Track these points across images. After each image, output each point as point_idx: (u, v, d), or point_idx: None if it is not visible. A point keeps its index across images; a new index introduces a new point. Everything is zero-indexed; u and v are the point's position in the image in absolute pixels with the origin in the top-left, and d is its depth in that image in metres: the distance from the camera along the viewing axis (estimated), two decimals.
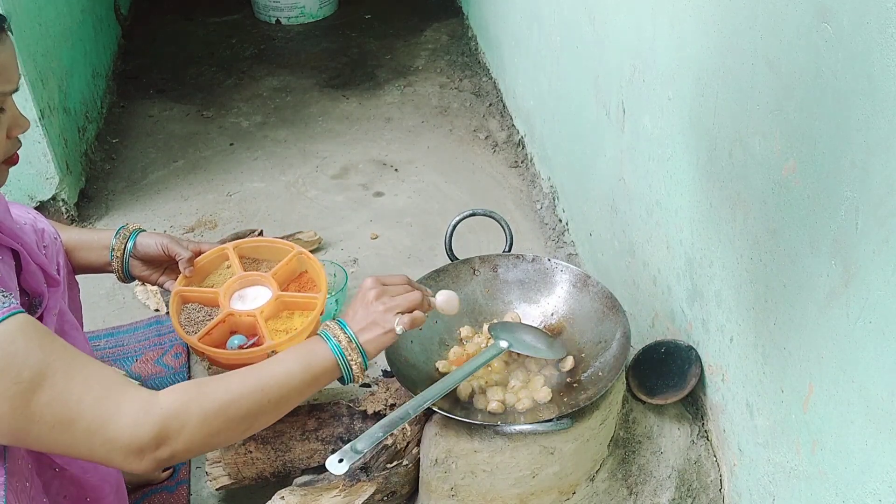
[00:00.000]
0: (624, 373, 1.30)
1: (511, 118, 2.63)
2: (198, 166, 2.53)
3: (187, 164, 2.54)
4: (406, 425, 1.30)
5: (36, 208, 1.92)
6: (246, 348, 1.31)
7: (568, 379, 1.28)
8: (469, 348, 1.36)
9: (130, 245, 1.36)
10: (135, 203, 2.37)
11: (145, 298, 1.96)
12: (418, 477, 1.30)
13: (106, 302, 1.97)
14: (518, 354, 1.31)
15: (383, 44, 3.28)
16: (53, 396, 0.89)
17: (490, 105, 2.77)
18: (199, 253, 1.43)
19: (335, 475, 1.14)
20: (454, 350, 1.36)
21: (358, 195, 2.37)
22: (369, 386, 1.68)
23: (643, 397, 1.34)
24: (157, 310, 1.93)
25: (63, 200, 2.20)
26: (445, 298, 1.19)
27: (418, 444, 1.30)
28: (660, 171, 1.39)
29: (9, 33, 0.97)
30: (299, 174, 2.48)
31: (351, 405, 1.44)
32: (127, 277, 1.39)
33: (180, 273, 1.39)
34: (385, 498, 1.29)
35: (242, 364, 1.09)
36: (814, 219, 0.93)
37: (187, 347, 1.79)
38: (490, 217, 1.50)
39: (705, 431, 1.36)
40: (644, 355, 1.32)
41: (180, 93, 2.96)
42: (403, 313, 1.12)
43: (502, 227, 1.48)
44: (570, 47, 1.87)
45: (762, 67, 1.01)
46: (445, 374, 1.26)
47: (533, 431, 1.16)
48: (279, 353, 1.08)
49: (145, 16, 3.55)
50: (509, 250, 1.47)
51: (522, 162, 2.45)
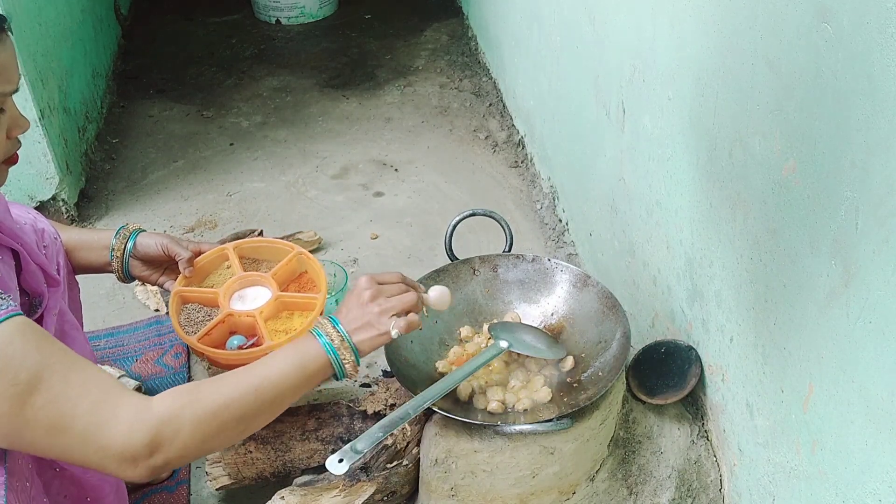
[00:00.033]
0: (624, 373, 1.30)
1: (511, 118, 2.63)
2: (198, 166, 2.53)
3: (187, 164, 2.54)
4: (406, 425, 1.30)
5: (36, 208, 1.92)
6: (245, 349, 1.31)
7: (568, 379, 1.28)
8: (469, 348, 1.36)
9: (130, 245, 1.36)
10: (135, 203, 2.37)
11: (145, 298, 1.96)
12: (418, 477, 1.30)
13: (106, 302, 1.97)
14: (518, 354, 1.31)
15: (383, 44, 3.28)
16: (49, 400, 0.88)
17: (490, 105, 2.77)
18: (199, 253, 1.43)
19: (335, 475, 1.14)
20: (454, 350, 1.36)
21: (358, 195, 2.37)
22: (369, 386, 1.68)
23: (643, 397, 1.34)
24: (157, 310, 1.93)
25: (63, 200, 2.20)
26: (438, 295, 1.19)
27: (418, 444, 1.30)
28: (660, 171, 1.39)
29: (9, 33, 0.97)
30: (299, 174, 2.48)
31: (351, 405, 1.44)
32: (127, 277, 1.39)
33: (180, 273, 1.40)
34: (385, 498, 1.29)
35: (242, 364, 1.09)
36: (814, 219, 0.93)
37: (187, 347, 1.79)
38: (490, 217, 1.50)
39: (705, 431, 1.36)
40: (644, 355, 1.32)
41: (180, 93, 2.96)
42: (399, 315, 1.11)
43: (502, 227, 1.48)
44: (570, 47, 1.87)
45: (762, 67, 1.01)
46: (445, 374, 1.26)
47: (533, 431, 1.16)
48: (271, 353, 1.07)
49: (145, 16, 3.55)
50: (509, 250, 1.47)
51: (522, 162, 2.45)
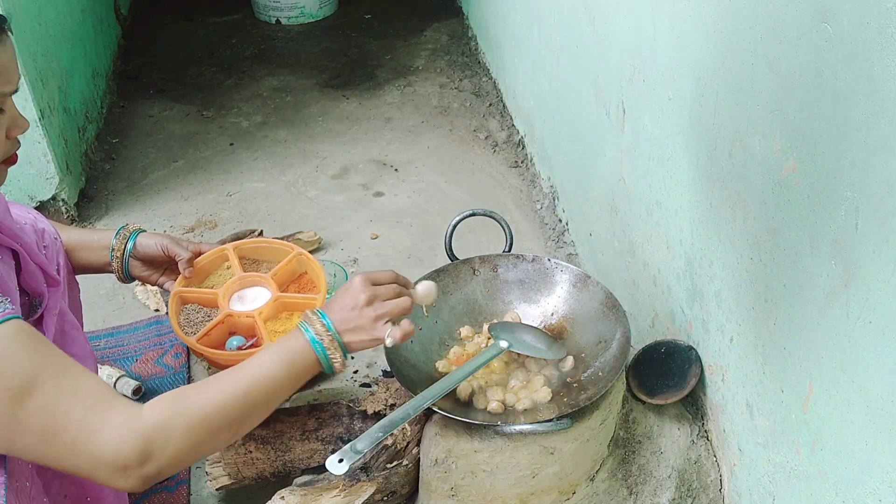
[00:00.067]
0: (624, 373, 1.30)
1: (511, 118, 2.63)
2: (198, 166, 2.53)
3: (187, 164, 2.54)
4: (406, 425, 1.30)
5: (36, 208, 1.92)
6: (245, 349, 1.31)
7: (568, 379, 1.28)
8: (469, 348, 1.36)
9: (130, 245, 1.36)
10: (135, 203, 2.37)
11: (145, 298, 1.96)
12: (418, 477, 1.30)
13: (106, 302, 1.97)
14: (518, 354, 1.31)
15: (383, 44, 3.28)
16: (42, 405, 0.88)
17: (490, 105, 2.77)
18: (199, 253, 1.43)
19: (335, 475, 1.14)
20: (454, 350, 1.36)
21: (358, 195, 2.37)
22: (369, 386, 1.68)
23: (643, 397, 1.34)
24: (157, 310, 1.93)
25: (63, 200, 2.20)
26: (425, 291, 1.19)
27: (418, 444, 1.30)
28: (660, 171, 1.39)
29: (9, 34, 0.97)
30: (299, 174, 2.48)
31: (351, 405, 1.44)
32: (127, 278, 1.39)
33: (180, 274, 1.40)
34: (385, 498, 1.29)
35: None
36: (814, 219, 0.93)
37: (187, 348, 1.79)
38: (490, 217, 1.50)
39: (705, 431, 1.36)
40: (644, 355, 1.32)
41: (180, 93, 2.96)
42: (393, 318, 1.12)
43: (502, 227, 1.48)
44: (570, 47, 1.87)
45: (762, 67, 1.00)
46: (445, 374, 1.26)
47: (533, 431, 1.16)
48: (260, 353, 1.06)
49: (145, 16, 3.55)
50: (509, 250, 1.47)
51: (522, 162, 2.45)
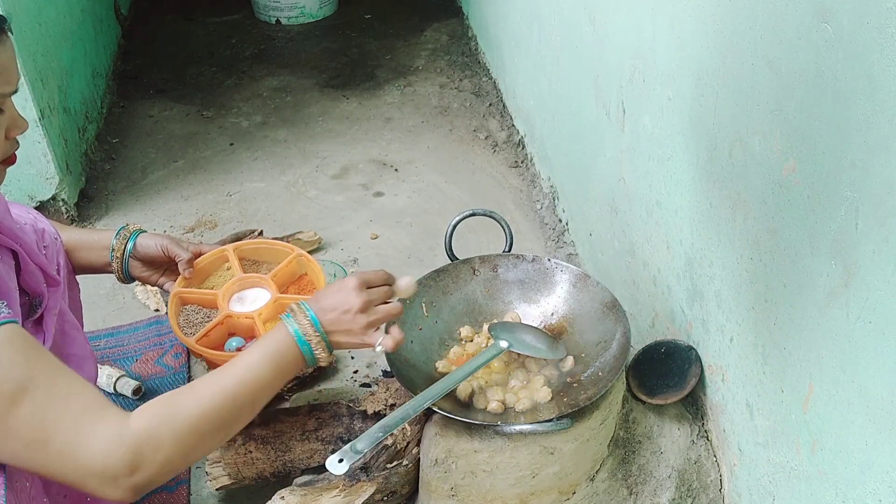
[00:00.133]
0: (624, 373, 1.30)
1: (511, 118, 2.63)
2: (198, 166, 2.53)
3: (187, 164, 2.54)
4: (406, 425, 1.30)
5: (36, 208, 1.92)
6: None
7: (568, 379, 1.28)
8: (469, 348, 1.36)
9: (130, 246, 1.36)
10: (135, 203, 2.36)
11: (145, 298, 1.96)
12: (418, 477, 1.30)
13: (106, 302, 1.97)
14: (518, 354, 1.31)
15: (383, 44, 3.28)
16: (32, 412, 0.87)
17: (490, 105, 2.77)
18: (199, 254, 1.43)
19: (335, 475, 1.14)
20: (454, 350, 1.36)
21: (358, 195, 2.37)
22: (369, 386, 1.68)
23: (643, 397, 1.34)
24: (157, 310, 1.93)
25: (63, 200, 2.20)
26: (405, 285, 1.20)
27: (418, 444, 1.30)
28: (660, 171, 1.39)
29: (9, 34, 0.97)
30: (299, 174, 2.48)
31: (351, 405, 1.44)
32: (126, 278, 1.39)
33: (180, 274, 1.40)
34: (385, 498, 1.29)
35: None
36: (814, 219, 0.93)
37: (187, 348, 1.79)
38: (490, 217, 1.50)
39: (705, 431, 1.36)
40: (644, 355, 1.32)
41: (180, 93, 2.96)
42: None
43: (502, 227, 1.48)
44: (570, 47, 1.87)
45: (762, 67, 1.00)
46: (445, 374, 1.26)
47: (533, 431, 1.16)
48: (245, 353, 1.05)
49: (145, 16, 3.55)
50: (509, 250, 1.47)
51: (522, 162, 2.45)
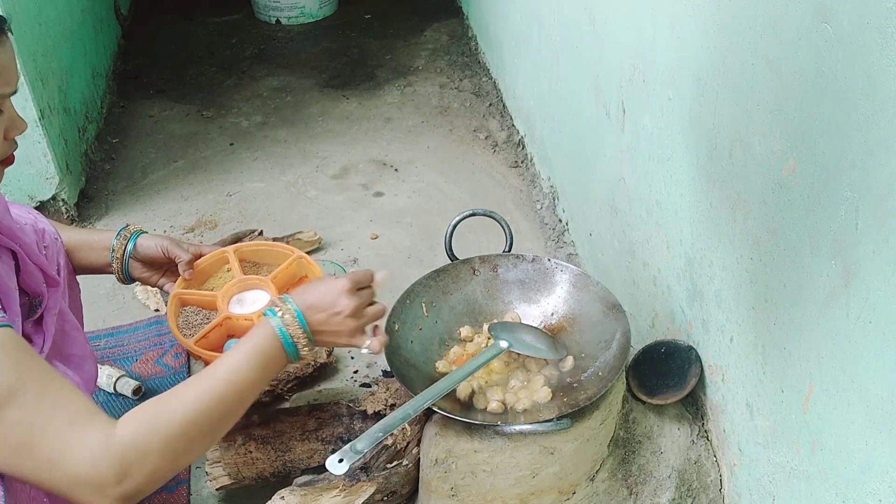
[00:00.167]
0: (624, 373, 1.30)
1: (511, 118, 2.63)
2: (198, 166, 2.53)
3: (187, 164, 2.54)
4: (406, 425, 1.30)
5: (36, 208, 1.92)
6: None
7: (568, 379, 1.28)
8: (469, 348, 1.36)
9: (131, 246, 1.36)
10: (135, 203, 2.36)
11: (145, 298, 1.96)
12: (418, 477, 1.30)
13: (106, 302, 1.97)
14: (518, 354, 1.31)
15: (383, 44, 3.28)
16: (21, 417, 0.86)
17: (490, 105, 2.77)
18: (200, 255, 1.43)
19: (335, 475, 1.14)
20: (454, 350, 1.36)
21: (358, 195, 2.37)
22: (369, 386, 1.68)
23: (643, 397, 1.34)
24: (157, 310, 1.93)
25: (63, 200, 2.20)
26: (381, 281, 1.21)
27: (418, 444, 1.30)
28: (660, 171, 1.39)
29: (9, 35, 0.97)
30: (299, 174, 2.48)
31: (351, 405, 1.44)
32: (127, 279, 1.38)
33: (180, 275, 1.40)
34: (385, 498, 1.29)
35: None
36: (814, 219, 0.93)
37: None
38: (490, 217, 1.50)
39: (705, 431, 1.36)
40: (644, 355, 1.32)
41: (180, 93, 2.96)
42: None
43: (502, 227, 1.48)
44: (570, 47, 1.87)
45: (762, 67, 1.00)
46: (445, 374, 1.27)
47: (533, 431, 1.16)
48: (230, 353, 1.04)
49: (145, 16, 3.55)
50: (509, 250, 1.47)
51: (522, 162, 2.45)
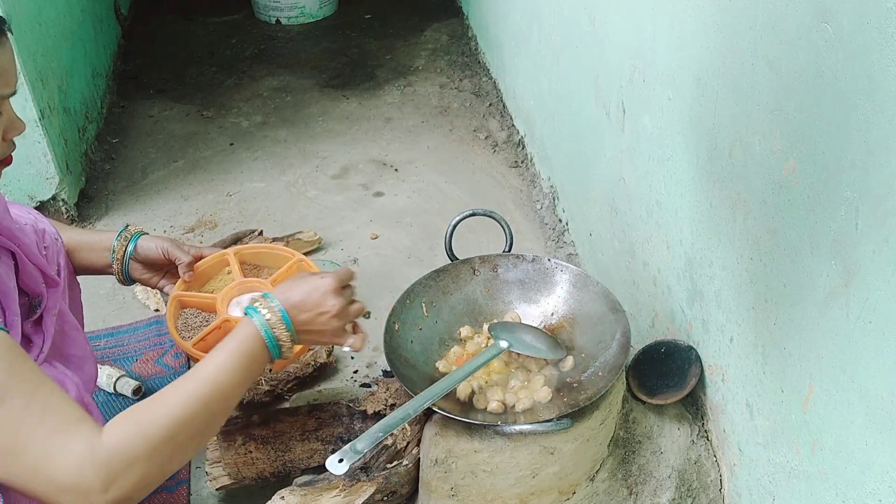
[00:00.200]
0: (624, 373, 1.30)
1: (511, 118, 2.63)
2: (198, 166, 2.53)
3: (187, 164, 2.54)
4: (406, 425, 1.30)
5: (36, 208, 1.92)
6: None
7: (568, 379, 1.28)
8: (469, 348, 1.36)
9: (131, 248, 1.36)
10: (135, 203, 2.36)
11: (145, 298, 1.96)
12: (418, 477, 1.30)
13: (106, 302, 1.97)
14: (518, 354, 1.31)
15: (383, 44, 3.28)
16: (7, 422, 0.86)
17: (490, 105, 2.77)
18: (200, 258, 1.43)
19: (335, 475, 1.14)
20: (454, 350, 1.36)
21: (358, 195, 2.37)
22: (369, 386, 1.68)
23: (643, 397, 1.34)
24: (158, 310, 1.93)
25: (63, 200, 2.20)
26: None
27: (418, 444, 1.30)
28: (660, 171, 1.39)
29: (9, 36, 0.97)
30: (299, 174, 2.48)
31: (351, 405, 1.44)
32: (127, 280, 1.38)
33: (180, 277, 1.40)
34: (385, 498, 1.29)
35: None
36: (814, 219, 0.93)
37: None
38: (490, 217, 1.50)
39: (705, 431, 1.36)
40: (644, 355, 1.32)
41: (180, 93, 2.96)
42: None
43: (502, 227, 1.48)
44: (570, 47, 1.87)
45: (762, 67, 1.00)
46: (445, 374, 1.27)
47: (533, 431, 1.16)
48: (214, 354, 1.03)
49: (145, 16, 3.56)
50: (509, 250, 1.47)
51: (522, 162, 2.45)
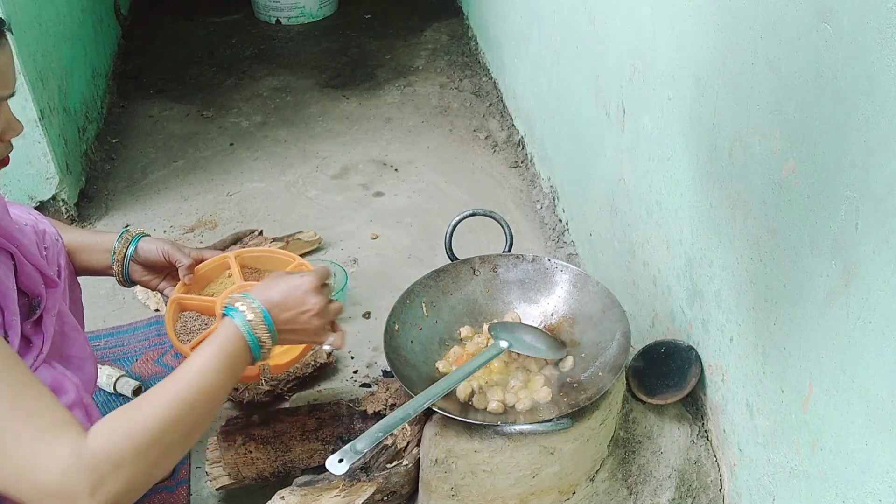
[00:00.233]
0: (624, 373, 1.30)
1: (511, 118, 2.63)
2: (198, 166, 2.53)
3: (187, 164, 2.54)
4: (406, 425, 1.30)
5: (36, 208, 1.92)
6: None
7: (568, 379, 1.28)
8: (469, 348, 1.36)
9: (132, 250, 1.35)
10: (135, 203, 2.36)
11: (145, 298, 1.96)
12: (418, 477, 1.30)
13: (106, 302, 1.97)
14: (518, 354, 1.31)
15: (383, 44, 3.28)
16: None
17: (490, 105, 2.77)
18: (201, 260, 1.43)
19: (335, 475, 1.14)
20: (454, 350, 1.36)
21: (358, 195, 2.37)
22: (369, 386, 1.68)
23: (643, 397, 1.34)
24: (158, 310, 1.93)
25: (63, 200, 2.20)
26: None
27: (418, 444, 1.30)
28: (660, 171, 1.39)
29: (8, 36, 0.97)
30: (299, 174, 2.48)
31: (351, 405, 1.44)
32: (127, 282, 1.38)
33: (180, 280, 1.40)
34: (385, 498, 1.29)
35: None
36: (814, 219, 0.93)
37: None
38: (490, 217, 1.50)
39: (705, 431, 1.36)
40: (644, 355, 1.32)
41: (180, 93, 2.96)
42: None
43: (502, 227, 1.48)
44: (570, 47, 1.87)
45: (762, 67, 1.00)
46: (445, 374, 1.27)
47: (533, 431, 1.16)
48: (197, 356, 1.02)
49: (145, 16, 3.56)
50: (509, 250, 1.47)
51: (522, 162, 2.45)
